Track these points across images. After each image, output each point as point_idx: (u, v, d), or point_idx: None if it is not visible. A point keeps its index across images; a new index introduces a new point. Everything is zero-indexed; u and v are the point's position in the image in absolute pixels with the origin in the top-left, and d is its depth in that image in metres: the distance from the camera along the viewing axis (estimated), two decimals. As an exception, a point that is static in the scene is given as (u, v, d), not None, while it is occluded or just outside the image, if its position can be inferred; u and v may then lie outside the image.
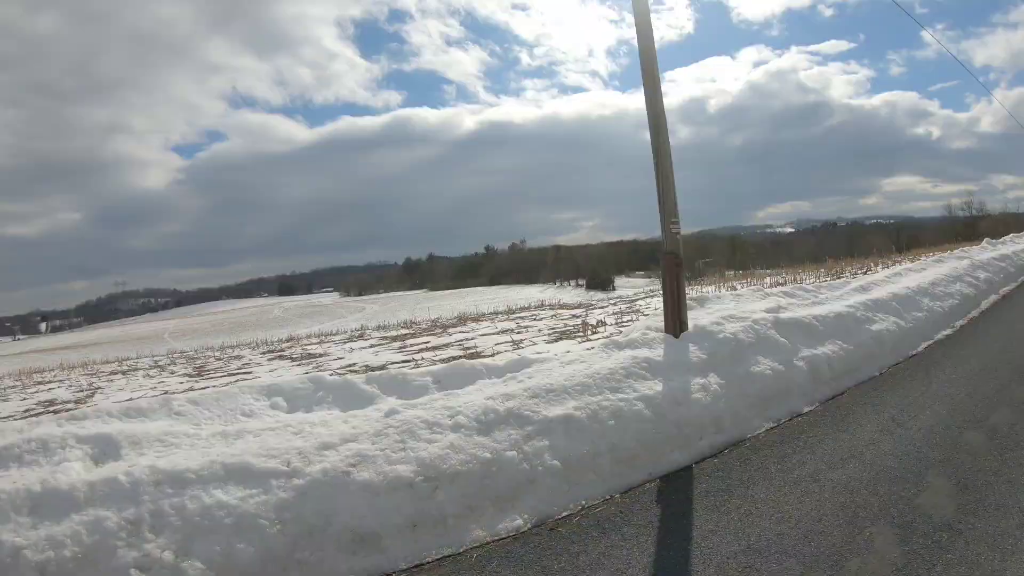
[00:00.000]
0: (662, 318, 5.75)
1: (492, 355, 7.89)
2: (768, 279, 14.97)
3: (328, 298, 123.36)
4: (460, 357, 7.93)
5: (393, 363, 8.57)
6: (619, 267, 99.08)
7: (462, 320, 17.55)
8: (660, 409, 4.30)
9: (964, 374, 5.73)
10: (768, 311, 6.47)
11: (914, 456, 3.96)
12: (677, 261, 5.84)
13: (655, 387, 4.51)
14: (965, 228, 63.53)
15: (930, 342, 7.12)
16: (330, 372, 7.32)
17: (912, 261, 12.74)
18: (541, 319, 13.95)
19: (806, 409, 5.17)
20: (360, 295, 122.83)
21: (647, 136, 5.85)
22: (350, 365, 8.93)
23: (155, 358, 18.50)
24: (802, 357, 5.73)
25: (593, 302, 21.27)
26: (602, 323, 10.49)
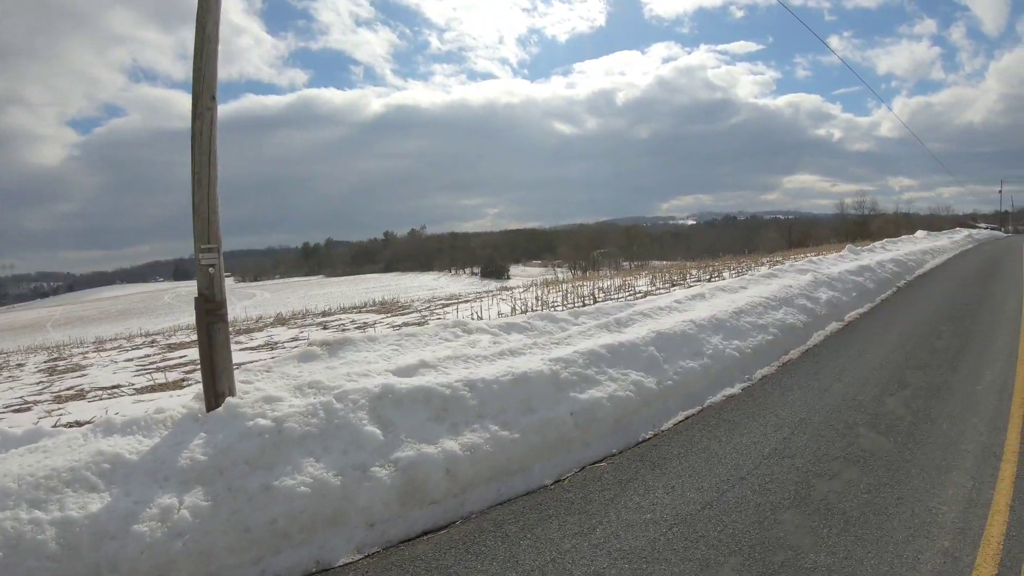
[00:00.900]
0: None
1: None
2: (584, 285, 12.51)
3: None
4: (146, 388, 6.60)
5: (92, 388, 7.19)
6: (517, 256, 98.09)
7: (275, 322, 15.31)
8: (77, 542, 2.69)
9: (672, 510, 3.16)
10: (400, 371, 3.87)
11: None
12: (211, 306, 3.58)
13: (91, 506, 2.84)
14: (856, 227, 64.75)
15: (693, 411, 4.62)
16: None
17: (769, 266, 10.50)
18: (332, 327, 11.37)
19: (341, 561, 2.85)
20: (256, 280, 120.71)
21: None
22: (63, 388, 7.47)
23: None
24: (395, 459, 3.26)
25: (461, 295, 18.73)
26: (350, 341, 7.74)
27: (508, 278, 68.64)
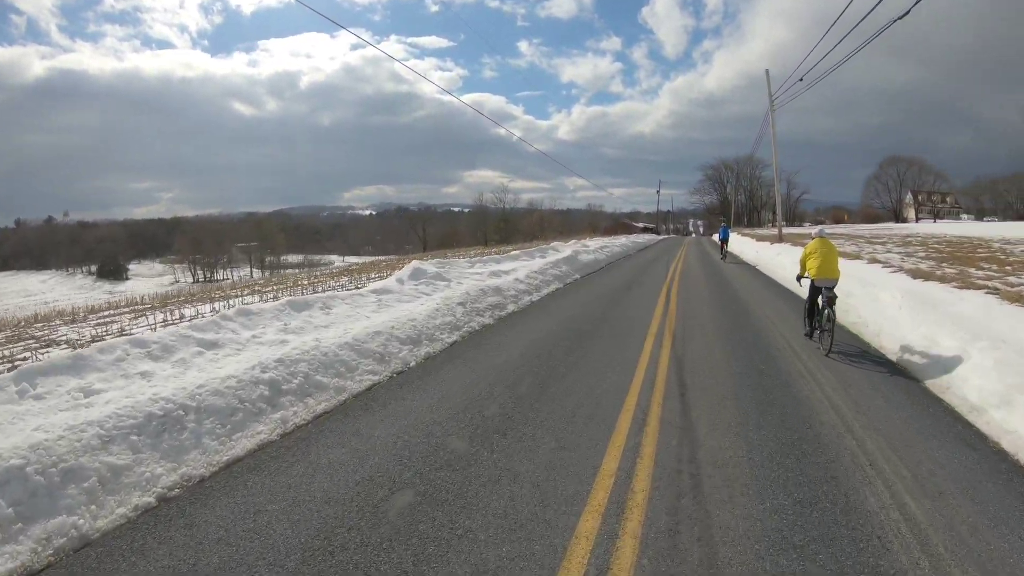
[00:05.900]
0: None
1: None
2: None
3: None
4: None
5: None
6: (149, 250, 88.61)
7: None
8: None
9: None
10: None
11: None
12: None
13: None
14: (502, 224, 67.88)
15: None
16: None
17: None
18: None
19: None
20: None
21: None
22: None
23: None
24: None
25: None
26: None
27: (127, 279, 59.80)
